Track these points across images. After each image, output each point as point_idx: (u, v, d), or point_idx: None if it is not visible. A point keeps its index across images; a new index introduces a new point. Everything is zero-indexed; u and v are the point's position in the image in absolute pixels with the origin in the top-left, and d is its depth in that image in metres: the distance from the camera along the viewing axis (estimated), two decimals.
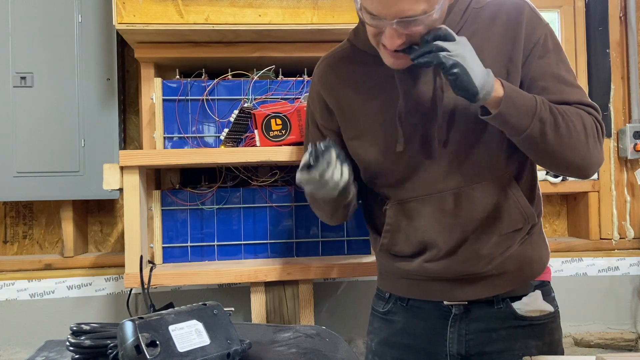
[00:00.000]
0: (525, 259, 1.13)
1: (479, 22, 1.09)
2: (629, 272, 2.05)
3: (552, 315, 1.15)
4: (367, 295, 1.96)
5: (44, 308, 1.82)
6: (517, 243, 1.11)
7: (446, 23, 1.06)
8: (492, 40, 1.07)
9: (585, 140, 1.01)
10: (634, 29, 2.11)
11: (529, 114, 0.98)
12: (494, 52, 1.06)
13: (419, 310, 1.18)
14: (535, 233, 1.15)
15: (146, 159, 1.48)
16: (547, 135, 0.99)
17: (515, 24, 1.07)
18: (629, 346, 2.03)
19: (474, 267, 1.11)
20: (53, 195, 1.75)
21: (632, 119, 2.10)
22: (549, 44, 1.07)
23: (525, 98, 1.00)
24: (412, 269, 1.15)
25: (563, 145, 1.00)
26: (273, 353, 0.96)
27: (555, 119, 0.99)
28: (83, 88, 1.75)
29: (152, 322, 0.81)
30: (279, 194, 1.66)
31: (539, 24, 1.08)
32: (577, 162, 1.03)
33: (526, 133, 0.99)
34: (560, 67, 1.07)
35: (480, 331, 1.13)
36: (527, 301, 1.12)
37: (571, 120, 1.00)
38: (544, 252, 1.18)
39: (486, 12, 1.09)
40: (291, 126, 1.55)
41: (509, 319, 1.12)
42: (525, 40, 1.06)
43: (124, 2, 1.47)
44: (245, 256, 1.65)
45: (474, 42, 1.02)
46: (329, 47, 1.63)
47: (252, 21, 1.50)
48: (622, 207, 2.09)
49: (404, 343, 1.19)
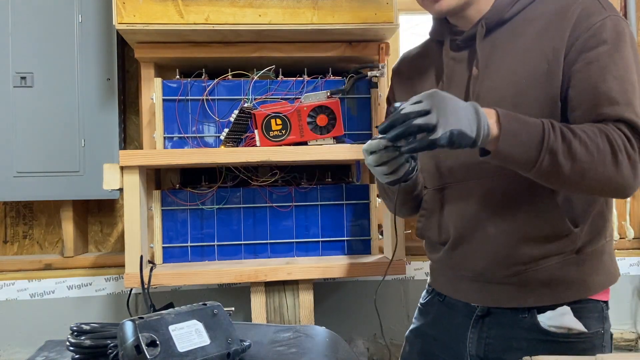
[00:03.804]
0: (563, 279, 1.02)
1: (540, 11, 1.02)
2: (629, 272, 2.05)
3: (587, 336, 1.02)
4: (367, 295, 1.96)
5: (44, 308, 1.82)
6: (558, 258, 1.02)
7: (494, 5, 1.06)
8: (544, 32, 0.99)
9: (613, 162, 0.89)
10: (634, 29, 2.11)
11: (536, 147, 0.88)
12: (542, 46, 0.98)
13: (451, 307, 1.17)
14: (590, 254, 1.03)
15: (146, 159, 1.48)
16: (562, 165, 0.88)
17: (567, 12, 0.97)
18: (629, 346, 2.02)
19: (493, 266, 1.05)
20: (53, 195, 1.75)
21: None
22: (605, 34, 0.94)
23: (530, 128, 0.89)
24: (437, 259, 1.17)
25: (583, 172, 0.89)
26: (273, 353, 0.96)
27: (569, 145, 0.88)
28: (83, 88, 1.75)
29: (152, 322, 0.81)
30: (279, 194, 1.66)
31: (597, 11, 0.96)
32: (606, 187, 0.92)
33: (536, 168, 0.89)
34: (610, 66, 0.93)
35: (500, 337, 1.08)
36: (550, 315, 1.03)
37: (592, 142, 0.88)
38: (596, 277, 1.04)
39: (552, 4, 1.01)
40: (291, 126, 1.55)
41: (532, 330, 1.04)
42: (574, 28, 0.96)
43: (124, 2, 1.47)
44: (245, 256, 1.65)
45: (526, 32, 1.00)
46: (329, 47, 1.65)
47: (252, 21, 1.50)
48: (622, 207, 2.09)
49: (433, 335, 1.20)
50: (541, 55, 0.99)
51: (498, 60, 1.04)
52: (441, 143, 0.84)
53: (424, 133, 0.85)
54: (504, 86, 1.02)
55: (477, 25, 1.07)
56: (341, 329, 1.82)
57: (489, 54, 1.06)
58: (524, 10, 1.05)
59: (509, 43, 1.04)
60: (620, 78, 0.93)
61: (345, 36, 1.60)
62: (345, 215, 1.68)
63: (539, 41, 1.00)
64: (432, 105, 0.85)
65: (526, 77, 1.00)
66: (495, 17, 1.06)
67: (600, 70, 0.94)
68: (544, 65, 0.98)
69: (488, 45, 1.06)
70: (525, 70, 1.00)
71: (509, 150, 0.89)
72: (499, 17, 1.06)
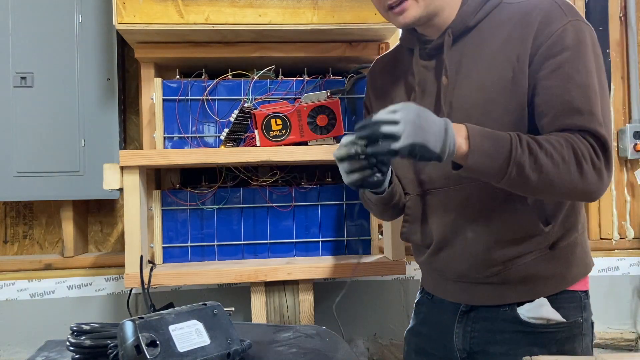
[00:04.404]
0: (539, 275, 1.07)
1: (502, 18, 1.05)
2: (629, 272, 2.05)
3: (565, 325, 1.08)
4: (367, 295, 1.96)
5: (44, 308, 1.82)
6: (533, 255, 1.07)
7: (459, 14, 1.07)
8: (508, 40, 1.02)
9: (578, 172, 0.94)
10: (634, 29, 2.11)
11: (504, 161, 0.92)
12: (507, 53, 1.01)
13: (439, 304, 1.22)
14: (563, 248, 1.08)
15: (146, 159, 1.48)
16: (529, 177, 0.93)
17: (530, 18, 1.00)
18: (629, 346, 2.02)
19: (473, 268, 1.11)
20: (53, 195, 1.75)
21: (632, 119, 2.10)
22: (567, 40, 0.97)
23: (497, 142, 0.93)
24: (422, 262, 1.22)
25: (550, 182, 0.94)
26: (273, 353, 0.96)
27: (536, 157, 0.93)
28: (83, 88, 1.75)
29: (152, 322, 0.82)
30: (279, 194, 1.66)
31: (558, 17, 0.99)
32: (573, 193, 0.98)
33: (504, 180, 0.94)
34: (573, 74, 0.97)
35: (484, 330, 1.13)
36: (529, 307, 1.08)
37: (558, 153, 0.93)
38: (571, 270, 1.10)
39: (513, 10, 1.04)
40: (291, 126, 1.55)
41: (514, 322, 1.10)
42: (536, 35, 0.99)
43: (124, 2, 1.47)
44: (245, 256, 1.65)
45: (491, 39, 1.02)
46: (329, 47, 1.65)
47: (252, 21, 1.50)
48: (622, 207, 2.09)
49: (424, 333, 1.25)
50: (507, 62, 1.01)
51: (467, 68, 1.07)
52: (402, 152, 0.88)
53: (388, 140, 0.88)
54: (474, 94, 1.05)
55: (444, 34, 1.09)
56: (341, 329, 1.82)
57: (458, 62, 1.08)
58: (488, 17, 1.07)
59: (476, 51, 1.06)
60: (582, 86, 0.97)
61: (345, 36, 1.60)
62: (345, 215, 1.68)
63: (504, 49, 1.03)
64: (403, 117, 0.88)
65: (494, 84, 1.03)
66: (461, 26, 1.08)
67: (564, 79, 0.97)
68: (509, 73, 1.01)
69: (456, 53, 1.08)
70: (493, 78, 1.03)
71: (477, 165, 0.94)
72: (464, 25, 1.07)
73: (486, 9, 1.07)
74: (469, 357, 1.16)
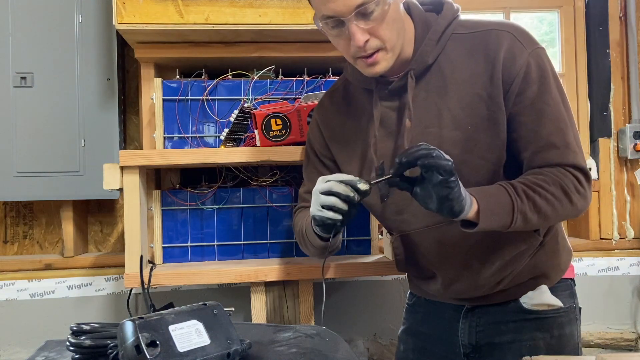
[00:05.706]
0: (537, 271, 1.16)
1: (459, 51, 1.07)
2: (629, 272, 2.05)
3: (563, 310, 1.16)
4: (367, 295, 1.97)
5: (44, 308, 1.82)
6: (526, 259, 1.14)
7: (417, 53, 1.07)
8: (474, 76, 1.05)
9: (569, 203, 1.03)
10: (634, 29, 2.11)
11: (508, 214, 0.99)
12: (476, 90, 1.04)
13: (440, 304, 1.26)
14: (548, 243, 1.16)
15: (146, 159, 1.48)
16: (532, 220, 1.02)
17: (493, 58, 1.03)
18: (629, 346, 2.03)
19: (480, 290, 1.17)
20: (53, 195, 1.75)
21: (632, 119, 2.11)
22: (532, 74, 1.03)
23: (499, 199, 1.00)
24: (428, 290, 1.25)
25: (547, 218, 1.03)
26: (273, 353, 0.96)
27: (534, 202, 1.00)
28: (83, 88, 1.75)
29: (152, 322, 0.81)
30: (279, 194, 1.66)
31: (519, 52, 1.03)
32: (565, 219, 1.11)
33: (511, 228, 1.01)
34: (544, 108, 1.03)
35: (490, 323, 1.19)
36: (532, 295, 1.15)
37: (550, 193, 1.01)
38: (562, 258, 1.19)
39: (468, 42, 1.07)
40: (291, 126, 1.55)
41: (518, 312, 1.17)
42: (504, 72, 1.03)
43: (124, 2, 1.47)
44: (245, 256, 1.65)
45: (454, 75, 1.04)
46: (329, 47, 1.64)
47: (252, 21, 1.50)
48: (622, 207, 2.09)
49: (424, 332, 1.29)
50: (479, 100, 1.04)
51: (437, 107, 1.07)
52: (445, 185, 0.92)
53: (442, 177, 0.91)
54: (452, 133, 1.06)
55: (405, 76, 1.08)
56: (341, 329, 1.82)
57: (424, 99, 1.08)
58: (444, 50, 1.08)
59: (441, 87, 1.07)
60: (554, 120, 1.03)
61: None
62: None
63: (472, 85, 1.05)
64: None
65: (470, 122, 1.05)
66: (421, 65, 1.08)
67: (537, 113, 1.03)
68: (484, 111, 1.04)
69: (422, 92, 1.08)
70: (468, 116, 1.05)
71: (489, 224, 0.99)
72: (424, 64, 1.08)
73: (441, 43, 1.07)
74: (474, 350, 1.20)
